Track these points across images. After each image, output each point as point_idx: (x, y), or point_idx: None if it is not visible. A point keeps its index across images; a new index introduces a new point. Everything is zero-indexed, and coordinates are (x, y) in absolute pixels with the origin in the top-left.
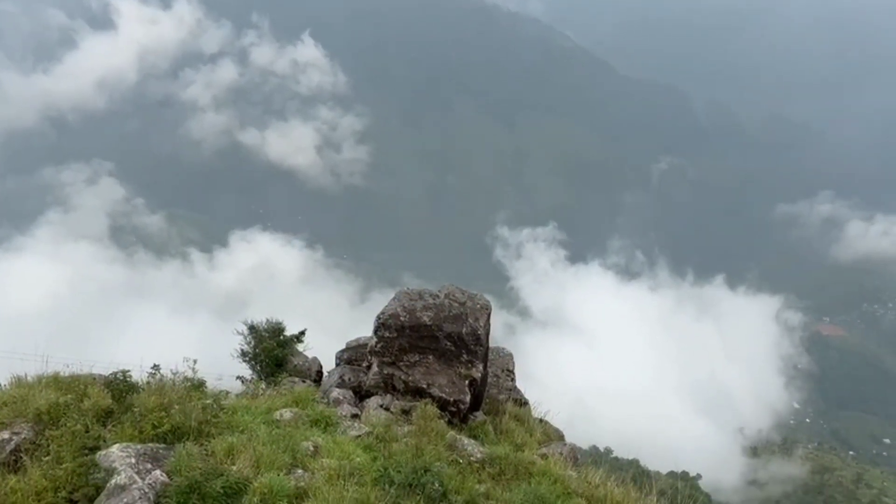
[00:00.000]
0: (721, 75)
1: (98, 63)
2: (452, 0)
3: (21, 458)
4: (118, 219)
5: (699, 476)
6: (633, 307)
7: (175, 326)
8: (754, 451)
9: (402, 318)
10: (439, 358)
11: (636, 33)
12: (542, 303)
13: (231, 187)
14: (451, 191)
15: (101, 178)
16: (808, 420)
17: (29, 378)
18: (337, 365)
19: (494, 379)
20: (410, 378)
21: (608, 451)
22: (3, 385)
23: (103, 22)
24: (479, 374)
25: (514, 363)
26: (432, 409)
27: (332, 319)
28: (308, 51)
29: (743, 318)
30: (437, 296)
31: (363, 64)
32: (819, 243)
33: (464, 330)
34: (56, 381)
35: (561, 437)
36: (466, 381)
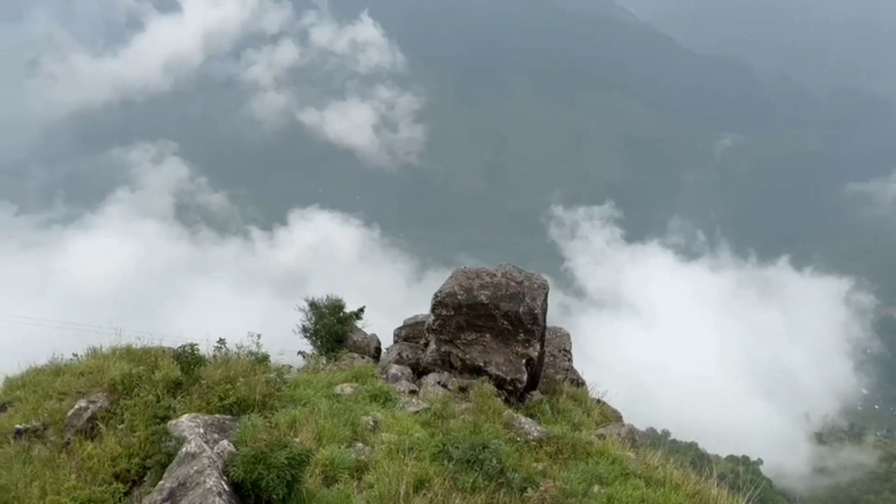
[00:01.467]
0: (788, 47)
1: (164, 45)
2: None
3: (97, 425)
4: (183, 197)
5: (760, 461)
6: (692, 288)
7: (237, 302)
8: (820, 437)
9: (459, 297)
10: (496, 337)
11: (699, 6)
12: (597, 283)
13: (290, 166)
14: (506, 169)
15: (166, 158)
16: (876, 406)
17: (104, 350)
18: (395, 342)
19: (551, 359)
20: (467, 356)
21: (666, 433)
22: (79, 356)
23: (170, 5)
24: (536, 354)
25: (571, 343)
26: (489, 388)
27: (388, 297)
28: (366, 30)
29: (809, 301)
30: (495, 275)
31: (420, 43)
32: (893, 223)
33: (521, 309)
34: (129, 353)
35: (619, 419)
36: (523, 361)
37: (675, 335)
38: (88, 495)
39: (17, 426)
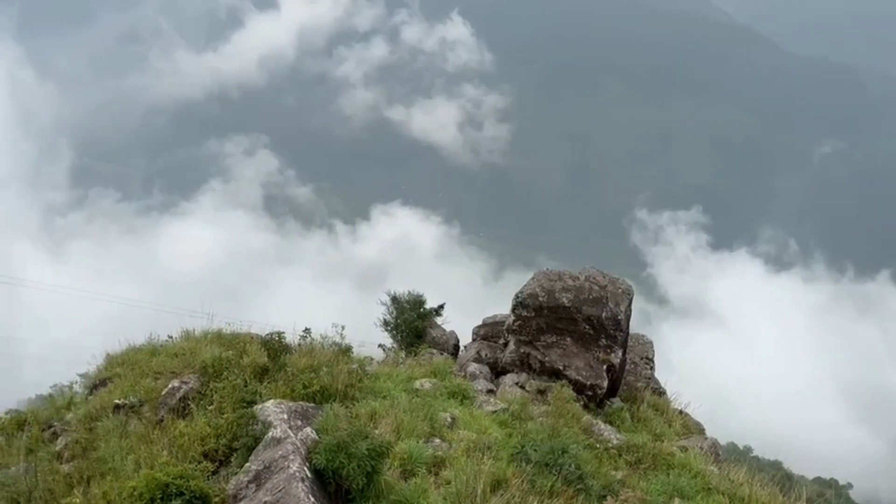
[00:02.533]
0: None
1: (261, 42)
2: None
3: (189, 405)
4: (271, 189)
5: (850, 485)
6: (783, 300)
7: (318, 293)
8: None
9: (540, 298)
10: (577, 340)
11: (801, 7)
12: (681, 290)
13: (375, 162)
14: (590, 171)
15: (258, 151)
16: None
17: (196, 333)
18: (473, 340)
19: (632, 366)
20: (547, 358)
21: (748, 449)
22: (174, 338)
23: (268, 2)
24: (618, 360)
25: (653, 352)
26: (568, 392)
27: (466, 295)
28: (456, 29)
29: None
30: (578, 278)
31: (509, 42)
32: None
33: (604, 314)
34: (220, 338)
35: (701, 431)
36: (604, 366)
37: (762, 348)
38: (180, 472)
39: (116, 401)
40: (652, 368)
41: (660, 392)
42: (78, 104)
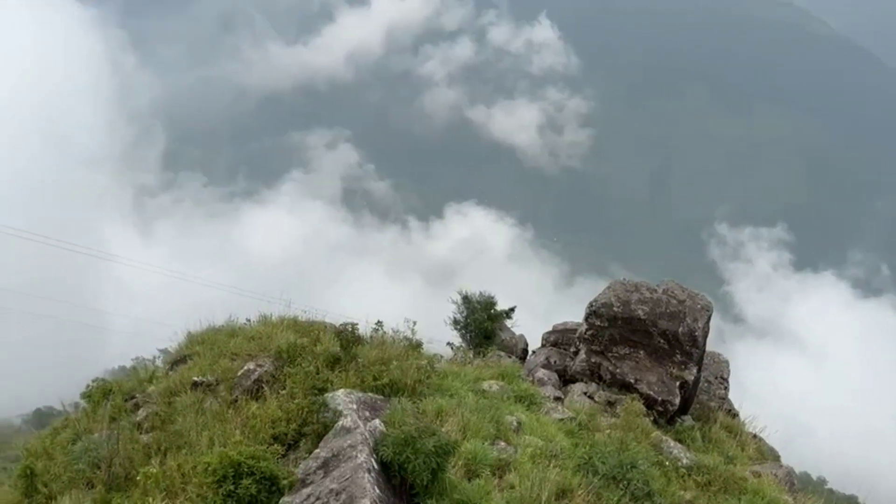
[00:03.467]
0: None
1: (350, 37)
2: None
3: (262, 387)
4: (350, 183)
5: None
6: (871, 327)
7: (388, 287)
8: None
9: (615, 309)
10: (650, 354)
11: None
12: (759, 310)
13: (453, 161)
14: (671, 181)
15: (339, 144)
16: None
17: (273, 318)
18: (543, 346)
19: (706, 385)
20: (618, 370)
21: (822, 480)
22: (252, 321)
23: None
24: (692, 377)
25: (728, 371)
26: (638, 406)
27: (536, 299)
28: (543, 32)
29: None
30: (655, 290)
31: (596, 47)
32: None
33: (680, 329)
34: (295, 324)
35: (776, 458)
36: (677, 383)
37: (846, 377)
38: (252, 452)
39: (195, 378)
40: (726, 388)
41: (733, 413)
42: (173, 89)
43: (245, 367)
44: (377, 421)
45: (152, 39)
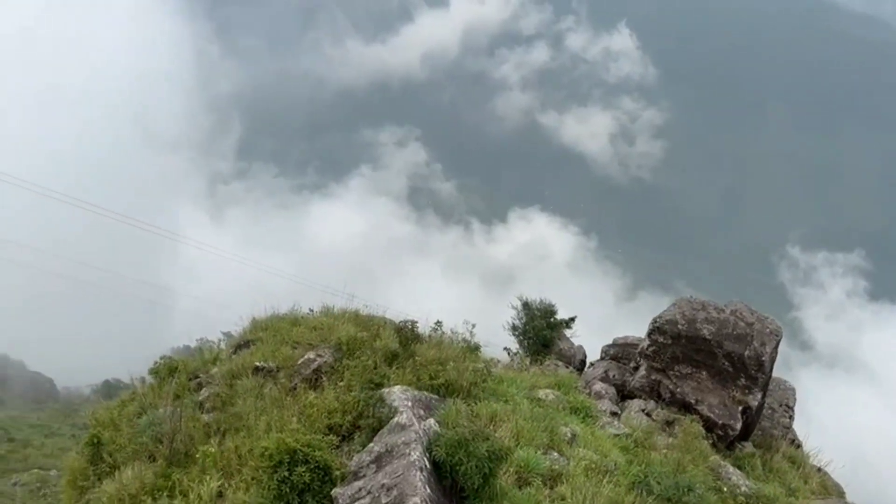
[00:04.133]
0: None
1: (427, 37)
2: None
3: (321, 378)
4: (417, 181)
5: None
6: None
7: (446, 287)
8: None
9: (679, 326)
10: (713, 376)
11: None
12: (829, 338)
13: (521, 165)
14: (744, 198)
15: (409, 143)
16: None
17: (335, 310)
18: (602, 358)
19: (770, 412)
20: (678, 389)
21: None
22: (314, 311)
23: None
24: (756, 403)
25: (794, 400)
26: (698, 428)
27: (594, 311)
28: (622, 40)
29: None
30: (723, 310)
31: (674, 58)
32: None
33: (746, 352)
34: (356, 318)
35: (841, 494)
36: (740, 407)
37: None
38: (308, 440)
39: (256, 363)
40: (791, 417)
41: (797, 444)
42: (252, 80)
43: (305, 356)
44: (431, 420)
45: (236, 30)
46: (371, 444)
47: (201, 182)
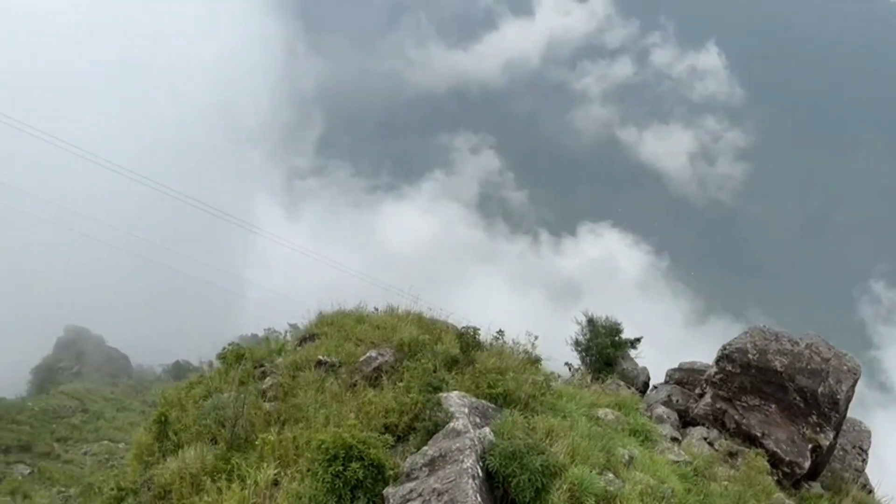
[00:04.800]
0: None
1: (509, 45)
2: (876, 20)
3: (381, 376)
4: (488, 189)
5: None
6: None
7: (509, 296)
8: None
9: (750, 356)
10: (783, 410)
11: None
12: None
13: (595, 179)
14: (827, 228)
15: (483, 150)
16: None
17: (399, 311)
18: (666, 382)
19: (841, 453)
20: (745, 421)
21: None
22: (379, 310)
23: (524, 8)
24: (827, 443)
25: (869, 443)
26: (762, 462)
27: (661, 332)
28: (710, 59)
29: None
30: (797, 343)
31: (764, 80)
32: None
33: (820, 389)
34: (419, 320)
35: None
36: (809, 445)
37: None
38: (364, 438)
39: (320, 357)
40: (864, 461)
41: (869, 489)
42: (335, 79)
43: (367, 354)
44: (487, 429)
45: (324, 29)
46: (425, 448)
47: (279, 176)
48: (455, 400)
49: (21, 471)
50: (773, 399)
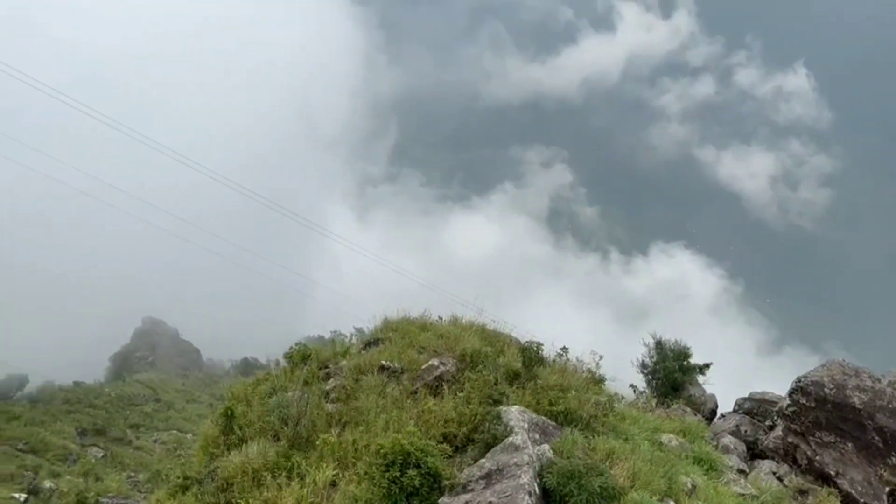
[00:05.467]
0: None
1: (588, 61)
2: None
3: (442, 385)
4: (559, 203)
5: None
6: None
7: (575, 314)
8: None
9: (826, 390)
10: (860, 449)
11: None
12: None
13: (669, 198)
14: None
15: (555, 164)
16: None
17: (463, 321)
18: (735, 411)
19: None
20: (818, 458)
21: None
22: (443, 319)
23: (605, 23)
24: None
25: None
26: (835, 502)
27: (732, 360)
28: (797, 80)
29: None
30: (879, 380)
31: (855, 104)
32: None
33: None
34: (483, 332)
35: None
36: (887, 489)
37: None
38: (422, 445)
39: (383, 362)
40: None
41: None
42: (412, 89)
43: (430, 363)
44: (546, 446)
45: (404, 40)
46: (483, 460)
47: (352, 182)
48: (515, 414)
49: (95, 454)
50: (850, 437)
